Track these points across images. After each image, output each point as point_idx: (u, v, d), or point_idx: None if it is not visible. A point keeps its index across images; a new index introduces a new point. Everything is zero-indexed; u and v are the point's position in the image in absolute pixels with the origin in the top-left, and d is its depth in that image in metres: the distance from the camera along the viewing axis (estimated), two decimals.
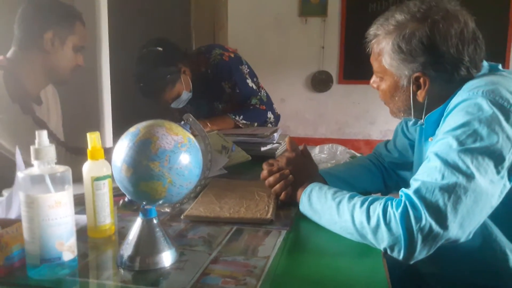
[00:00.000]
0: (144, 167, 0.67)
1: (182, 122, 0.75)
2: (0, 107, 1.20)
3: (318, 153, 1.46)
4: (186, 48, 1.90)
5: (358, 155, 1.55)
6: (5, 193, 1.08)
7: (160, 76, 1.72)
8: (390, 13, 0.95)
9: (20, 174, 0.67)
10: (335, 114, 4.07)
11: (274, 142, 1.61)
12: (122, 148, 0.69)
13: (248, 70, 1.95)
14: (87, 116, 1.96)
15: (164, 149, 0.68)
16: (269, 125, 1.97)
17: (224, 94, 1.91)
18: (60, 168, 0.69)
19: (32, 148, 0.67)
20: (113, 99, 2.05)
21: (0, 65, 1.28)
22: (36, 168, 0.67)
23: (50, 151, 0.68)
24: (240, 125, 1.84)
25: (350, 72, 3.92)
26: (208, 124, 1.75)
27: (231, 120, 1.83)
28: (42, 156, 0.67)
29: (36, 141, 0.68)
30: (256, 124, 1.88)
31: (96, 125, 1.99)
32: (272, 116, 1.97)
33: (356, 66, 3.69)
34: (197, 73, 1.87)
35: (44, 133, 0.68)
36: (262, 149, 1.57)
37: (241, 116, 1.84)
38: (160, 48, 1.73)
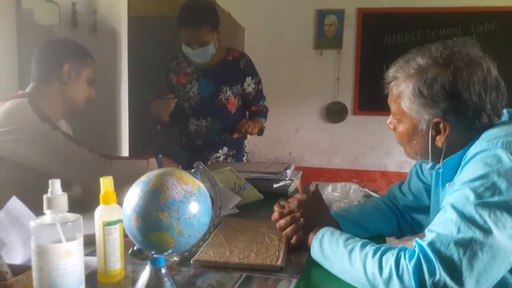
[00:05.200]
0: (153, 217, 0.67)
1: (193, 170, 0.76)
2: (31, 127, 1.29)
3: (331, 192, 1.45)
4: None
5: (372, 194, 1.53)
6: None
7: (204, 15, 1.86)
8: (411, 56, 0.93)
9: (32, 223, 0.68)
10: (350, 145, 4.04)
11: (287, 179, 1.60)
12: (133, 197, 0.70)
13: None
14: (104, 146, 2.03)
15: (174, 199, 0.68)
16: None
17: (240, 85, 2.03)
18: (72, 217, 0.70)
19: (44, 197, 0.68)
20: (130, 129, 2.15)
21: (22, 94, 1.39)
22: (48, 217, 0.68)
23: (62, 200, 0.69)
24: (263, 127, 2.05)
25: (365, 103, 3.92)
26: (250, 122, 1.93)
27: (261, 123, 2.05)
28: (54, 205, 0.68)
29: (49, 190, 0.69)
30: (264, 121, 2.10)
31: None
32: None
33: (371, 97, 3.70)
34: (232, 58, 2.02)
35: (57, 182, 0.69)
36: (275, 185, 1.57)
37: (263, 119, 2.09)
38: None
